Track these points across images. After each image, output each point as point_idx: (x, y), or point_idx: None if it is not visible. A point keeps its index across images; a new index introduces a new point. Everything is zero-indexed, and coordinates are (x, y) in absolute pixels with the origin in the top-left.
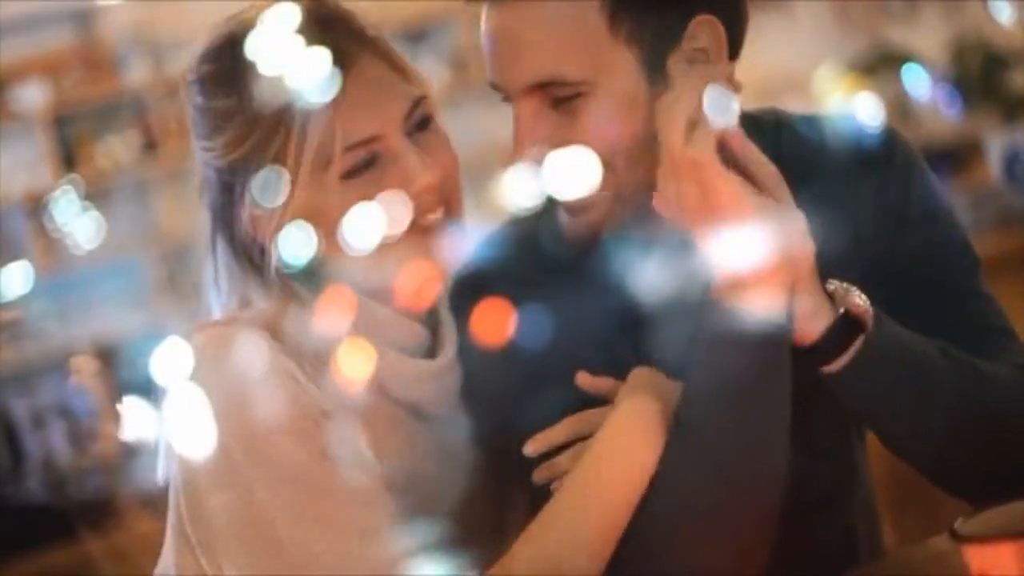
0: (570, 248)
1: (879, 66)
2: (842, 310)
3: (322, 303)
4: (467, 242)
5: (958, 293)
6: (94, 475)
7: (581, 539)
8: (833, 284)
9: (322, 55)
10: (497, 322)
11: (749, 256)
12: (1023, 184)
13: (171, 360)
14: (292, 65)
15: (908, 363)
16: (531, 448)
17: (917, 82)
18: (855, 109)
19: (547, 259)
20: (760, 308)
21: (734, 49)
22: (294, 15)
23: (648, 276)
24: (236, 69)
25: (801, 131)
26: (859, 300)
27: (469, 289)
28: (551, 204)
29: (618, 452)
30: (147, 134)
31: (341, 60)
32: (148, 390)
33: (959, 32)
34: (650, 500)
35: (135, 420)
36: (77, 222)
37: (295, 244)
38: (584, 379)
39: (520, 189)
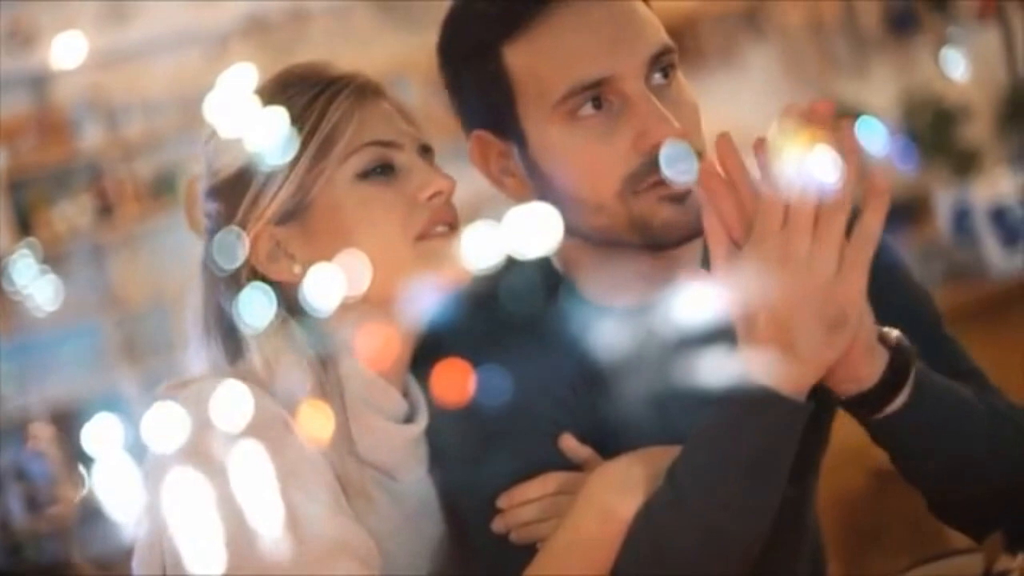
0: (532, 305)
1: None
2: (895, 345)
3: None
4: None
5: (931, 339)
6: (50, 540)
7: None
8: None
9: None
10: (457, 383)
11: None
12: (972, 239)
13: (153, 420)
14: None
15: (952, 396)
16: (504, 502)
17: (872, 137)
18: (809, 164)
19: (507, 317)
20: (789, 388)
21: None
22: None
23: (606, 335)
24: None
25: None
26: (903, 337)
27: (429, 351)
28: (511, 262)
29: (598, 514)
30: (102, 198)
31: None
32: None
33: (909, 87)
34: (630, 558)
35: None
36: (34, 286)
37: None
38: (568, 443)
39: (484, 245)
